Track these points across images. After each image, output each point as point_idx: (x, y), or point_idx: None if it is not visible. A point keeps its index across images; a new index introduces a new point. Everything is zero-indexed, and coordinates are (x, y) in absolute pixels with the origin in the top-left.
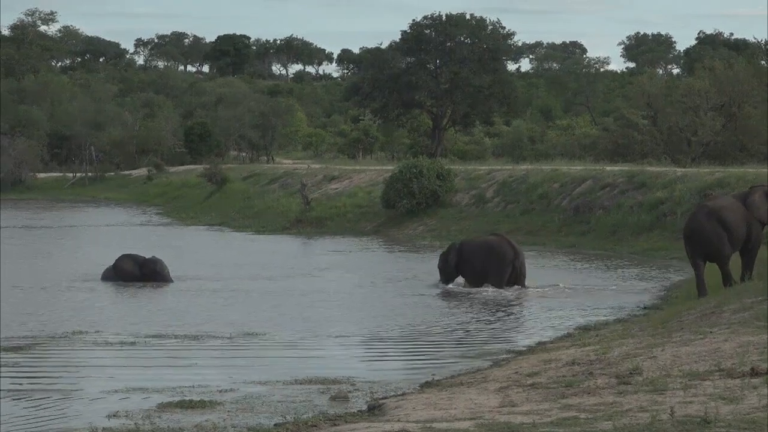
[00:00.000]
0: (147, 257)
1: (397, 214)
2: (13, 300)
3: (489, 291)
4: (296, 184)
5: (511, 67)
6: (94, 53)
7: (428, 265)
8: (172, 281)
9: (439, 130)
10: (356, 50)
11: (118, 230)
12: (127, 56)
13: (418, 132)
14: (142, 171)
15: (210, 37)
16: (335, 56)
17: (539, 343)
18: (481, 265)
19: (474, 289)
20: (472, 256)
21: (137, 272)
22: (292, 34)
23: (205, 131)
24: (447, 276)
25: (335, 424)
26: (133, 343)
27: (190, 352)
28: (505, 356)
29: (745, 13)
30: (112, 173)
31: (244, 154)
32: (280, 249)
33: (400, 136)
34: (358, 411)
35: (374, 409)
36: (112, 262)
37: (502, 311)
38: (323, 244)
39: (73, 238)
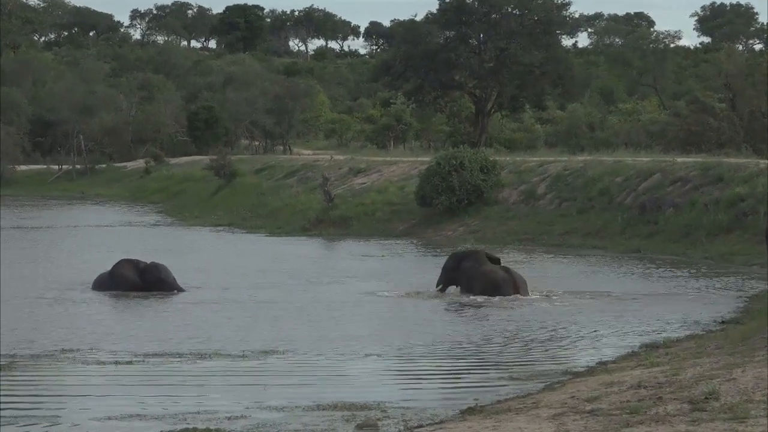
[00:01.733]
0: (148, 263)
1: (434, 213)
2: None
3: (540, 301)
4: (317, 178)
5: (567, 42)
6: (83, 26)
7: None
8: (183, 290)
9: (483, 116)
10: (386, 23)
11: (112, 231)
12: (122, 30)
13: (459, 118)
14: (139, 163)
15: (217, 8)
16: (362, 30)
17: (599, 363)
18: (480, 290)
19: (522, 299)
20: (478, 277)
21: (138, 280)
22: (312, 5)
23: (212, 117)
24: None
25: None
26: (129, 363)
27: (196, 372)
28: (559, 378)
29: None
30: (104, 165)
31: (256, 143)
32: (298, 253)
33: (438, 123)
34: None
35: None
36: (108, 268)
37: (556, 325)
38: (348, 248)
39: (64, 240)
